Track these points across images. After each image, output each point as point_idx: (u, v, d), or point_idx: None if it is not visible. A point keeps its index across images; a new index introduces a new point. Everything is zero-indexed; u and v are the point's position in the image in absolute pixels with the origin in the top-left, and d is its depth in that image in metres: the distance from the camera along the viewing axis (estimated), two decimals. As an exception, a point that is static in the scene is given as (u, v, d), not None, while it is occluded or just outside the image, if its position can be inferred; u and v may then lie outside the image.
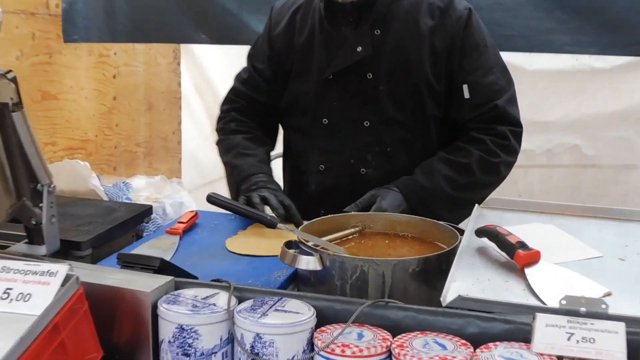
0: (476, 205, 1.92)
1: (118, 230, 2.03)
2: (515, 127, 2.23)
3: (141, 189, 2.66)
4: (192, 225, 2.06)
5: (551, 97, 3.95)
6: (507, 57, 2.34)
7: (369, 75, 2.21)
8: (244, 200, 2.09)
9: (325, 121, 2.28)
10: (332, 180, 2.29)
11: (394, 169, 2.22)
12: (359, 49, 2.20)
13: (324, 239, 1.71)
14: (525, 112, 2.30)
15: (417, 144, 2.24)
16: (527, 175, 4.09)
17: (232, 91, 2.50)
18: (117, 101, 3.74)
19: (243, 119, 2.43)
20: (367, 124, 2.23)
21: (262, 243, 1.92)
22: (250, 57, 2.47)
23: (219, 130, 2.47)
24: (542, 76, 3.91)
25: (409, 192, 2.13)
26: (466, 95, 2.20)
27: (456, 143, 2.22)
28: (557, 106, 3.97)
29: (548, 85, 3.93)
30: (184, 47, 4.25)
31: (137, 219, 2.13)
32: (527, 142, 2.34)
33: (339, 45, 2.23)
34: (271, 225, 1.90)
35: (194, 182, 4.27)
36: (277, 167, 2.45)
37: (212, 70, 4.28)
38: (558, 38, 3.03)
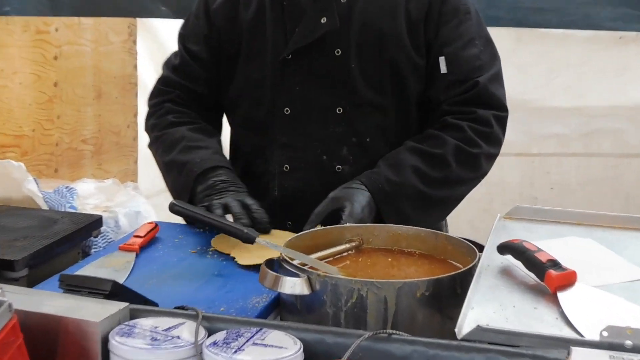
0: (498, 215, 1.93)
1: (60, 246, 2.02)
2: (499, 112, 2.25)
3: (88, 195, 2.66)
4: (151, 239, 2.06)
5: (589, 78, 3.98)
6: (536, 34, 2.36)
7: (337, 52, 2.23)
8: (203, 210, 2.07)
9: (287, 111, 2.28)
10: (300, 183, 2.29)
11: (374, 164, 2.22)
12: (323, 20, 2.21)
13: (313, 256, 1.71)
14: (560, 94, 2.34)
15: (400, 132, 2.27)
16: (562, 164, 4.14)
17: (162, 81, 2.47)
18: (58, 88, 3.74)
19: (181, 109, 2.41)
20: (339, 110, 2.25)
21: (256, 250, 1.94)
22: (182, 37, 2.45)
23: (152, 127, 2.43)
24: (579, 54, 3.95)
25: (375, 188, 2.13)
26: (442, 69, 2.23)
27: (428, 130, 2.25)
28: (596, 87, 4.01)
29: (586, 63, 3.96)
30: (141, 22, 4.25)
31: (84, 232, 2.13)
32: (562, 127, 2.38)
33: (297, 17, 2.24)
34: (248, 240, 1.90)
35: (153, 187, 4.25)
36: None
37: (175, 49, 4.27)
38: (597, 12, 3.05)
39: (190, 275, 1.85)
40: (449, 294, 1.54)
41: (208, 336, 1.37)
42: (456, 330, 1.36)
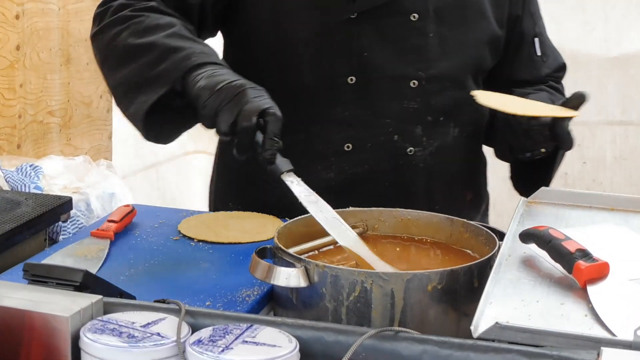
0: (521, 199, 1.94)
1: (24, 231, 2.03)
2: None
3: (56, 174, 2.68)
4: (127, 224, 2.07)
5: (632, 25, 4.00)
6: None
7: (414, 17, 2.19)
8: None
9: (351, 80, 2.20)
10: (364, 166, 2.23)
11: (445, 146, 2.25)
12: None
13: (310, 244, 1.74)
14: (592, 46, 2.42)
15: (470, 110, 2.27)
16: (596, 134, 4.13)
17: None
18: (21, 52, 3.74)
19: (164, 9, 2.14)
20: (414, 84, 2.21)
21: (232, 227, 2.00)
22: None
23: (118, 9, 2.12)
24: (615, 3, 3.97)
25: None
26: (538, 51, 2.32)
27: (551, 86, 2.37)
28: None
29: (626, 16, 3.98)
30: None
31: (51, 216, 2.14)
32: (597, 89, 2.46)
33: None
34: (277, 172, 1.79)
35: (129, 166, 4.29)
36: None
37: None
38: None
39: (172, 264, 1.87)
40: (465, 288, 1.56)
41: (192, 333, 1.39)
42: (472, 328, 1.38)
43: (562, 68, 2.42)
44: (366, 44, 2.19)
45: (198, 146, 4.87)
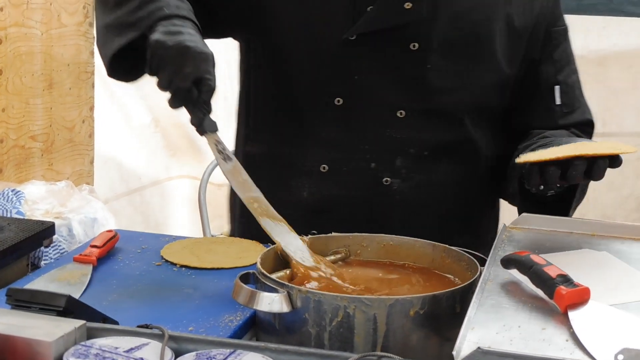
0: (503, 224, 1.95)
1: (6, 256, 2.03)
2: None
3: (38, 199, 2.68)
4: (109, 250, 2.07)
5: (611, 49, 4.05)
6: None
7: (414, 46, 2.16)
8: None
9: (338, 101, 2.19)
10: (337, 189, 2.22)
11: (429, 183, 2.20)
12: (408, 5, 2.13)
13: (284, 273, 1.74)
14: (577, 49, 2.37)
15: (465, 149, 2.23)
16: None
17: None
18: (3, 76, 3.74)
19: None
20: (401, 114, 2.18)
21: (215, 252, 2.02)
22: None
23: None
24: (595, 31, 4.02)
25: None
26: (557, 100, 2.24)
27: (561, 130, 2.24)
28: (619, 54, 4.07)
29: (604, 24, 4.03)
30: (99, 2, 4.26)
31: (33, 241, 2.14)
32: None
33: None
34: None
35: (112, 191, 4.29)
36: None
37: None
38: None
39: (155, 290, 1.87)
40: (447, 313, 1.57)
41: (175, 358, 1.39)
42: (454, 352, 1.38)
43: (587, 124, 2.30)
44: (359, 67, 2.18)
45: (182, 171, 4.88)
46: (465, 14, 2.18)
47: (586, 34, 4.17)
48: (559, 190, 2.07)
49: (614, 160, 1.95)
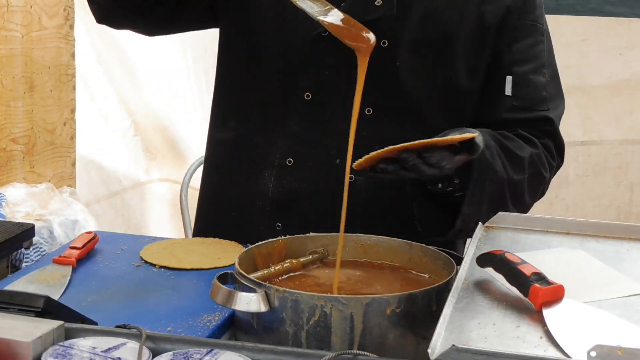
0: (479, 224, 1.96)
1: (-14, 258, 2.04)
2: (560, 160, 2.28)
3: (19, 201, 2.68)
4: (89, 251, 2.08)
5: (590, 57, 4.05)
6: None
7: (384, 43, 2.16)
8: None
9: (307, 96, 2.21)
10: (301, 183, 2.22)
11: (394, 182, 2.15)
12: (379, 2, 2.15)
13: (270, 270, 1.75)
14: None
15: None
16: None
17: None
18: (-16, 79, 3.74)
19: None
20: (369, 111, 2.19)
21: (194, 253, 2.03)
22: None
23: None
24: (576, 35, 4.02)
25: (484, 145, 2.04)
26: (507, 91, 2.21)
27: (500, 131, 2.19)
28: (598, 66, 4.07)
29: (586, 42, 4.04)
30: (80, 4, 4.26)
31: (13, 243, 2.14)
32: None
33: None
34: None
35: (92, 193, 4.28)
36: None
37: (121, 34, 4.28)
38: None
39: (134, 290, 1.88)
40: (423, 311, 1.58)
41: (153, 358, 1.40)
42: (429, 350, 1.38)
43: (541, 120, 2.25)
44: (329, 63, 2.19)
45: (162, 174, 4.87)
46: (440, 11, 2.19)
47: (565, 47, 4.18)
48: (454, 187, 2.04)
49: (467, 148, 1.90)
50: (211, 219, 2.36)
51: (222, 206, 2.33)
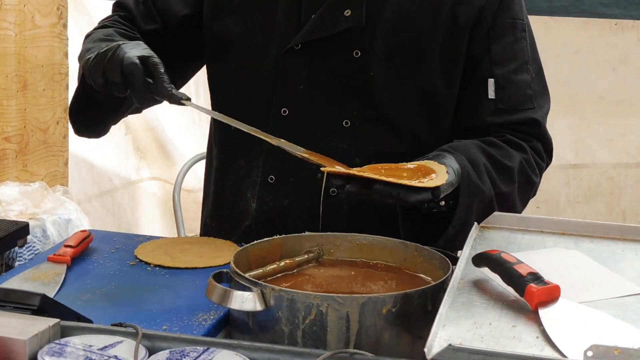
0: (475, 224, 1.96)
1: (-20, 256, 2.04)
2: (548, 158, 2.25)
3: (12, 200, 2.68)
4: (83, 250, 2.07)
5: (583, 71, 4.04)
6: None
7: (356, 54, 2.15)
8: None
9: (284, 112, 2.19)
10: (284, 200, 2.21)
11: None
12: (347, 12, 2.13)
13: (265, 269, 1.75)
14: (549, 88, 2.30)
15: (407, 158, 2.12)
16: (550, 178, 4.17)
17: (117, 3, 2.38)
18: (-23, 78, 3.73)
19: (127, 25, 2.29)
20: (347, 123, 2.17)
21: (189, 251, 2.03)
22: None
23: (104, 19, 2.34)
24: (569, 45, 4.01)
25: (462, 165, 2.01)
26: (490, 94, 2.17)
27: (487, 138, 2.16)
28: (591, 81, 4.06)
29: (579, 52, 4.03)
30: (73, 3, 4.26)
31: (7, 241, 2.14)
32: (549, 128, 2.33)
33: (317, 3, 2.15)
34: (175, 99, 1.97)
35: (85, 192, 4.28)
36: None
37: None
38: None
39: (129, 289, 1.87)
40: (419, 311, 1.58)
41: (149, 356, 1.40)
42: (425, 350, 1.39)
43: (527, 122, 2.20)
44: (304, 76, 2.18)
45: (153, 173, 4.87)
46: (412, 16, 2.16)
47: (557, 64, 4.16)
48: (439, 209, 1.99)
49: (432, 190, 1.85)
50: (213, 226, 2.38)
51: (218, 228, 2.35)
